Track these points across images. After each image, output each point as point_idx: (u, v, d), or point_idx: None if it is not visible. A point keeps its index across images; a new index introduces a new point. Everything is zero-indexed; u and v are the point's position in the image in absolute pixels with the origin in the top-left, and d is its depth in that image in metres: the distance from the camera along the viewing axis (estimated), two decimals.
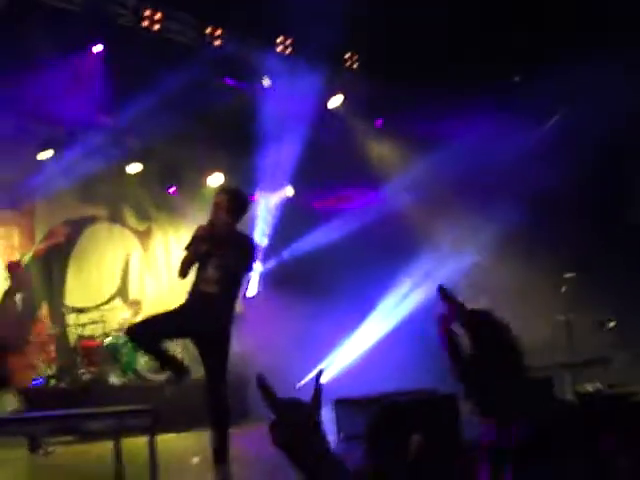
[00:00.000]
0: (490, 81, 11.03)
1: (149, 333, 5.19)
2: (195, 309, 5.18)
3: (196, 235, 5.43)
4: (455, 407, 6.49)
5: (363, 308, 12.32)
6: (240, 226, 5.61)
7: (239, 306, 8.34)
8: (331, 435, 7.39)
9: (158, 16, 10.19)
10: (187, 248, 5.43)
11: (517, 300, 10.60)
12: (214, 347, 5.16)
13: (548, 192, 11.10)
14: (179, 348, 10.12)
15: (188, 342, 8.54)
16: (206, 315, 5.10)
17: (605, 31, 9.98)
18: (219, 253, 5.26)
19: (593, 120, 10.33)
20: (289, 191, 13.76)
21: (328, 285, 11.28)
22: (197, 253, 5.30)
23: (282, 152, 13.04)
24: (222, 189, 5.55)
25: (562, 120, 12.12)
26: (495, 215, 11.13)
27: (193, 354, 8.90)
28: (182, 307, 5.30)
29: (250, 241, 5.64)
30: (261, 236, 13.49)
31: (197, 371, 5.88)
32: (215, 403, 5.04)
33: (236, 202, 5.53)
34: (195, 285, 5.32)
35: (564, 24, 10.15)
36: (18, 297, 8.97)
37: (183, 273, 5.37)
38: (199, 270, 5.32)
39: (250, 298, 11.17)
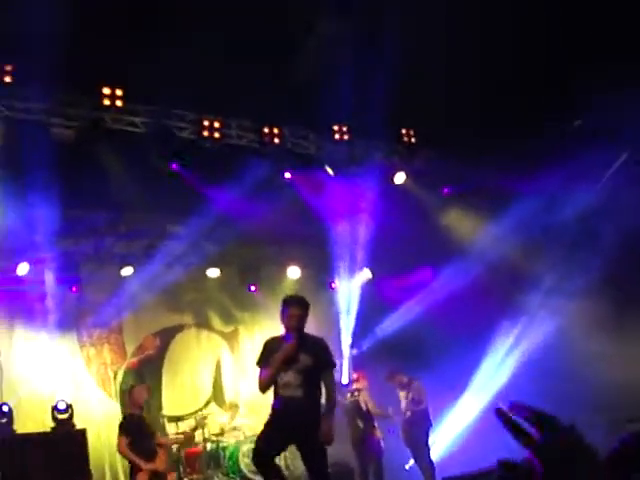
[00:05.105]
0: (552, 129, 10.93)
1: (264, 457, 5.28)
2: (287, 417, 5.21)
3: (269, 347, 5.54)
4: None
5: (460, 380, 11.99)
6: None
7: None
8: None
9: (217, 124, 10.61)
10: (260, 364, 5.52)
11: (616, 343, 10.18)
12: (313, 448, 5.17)
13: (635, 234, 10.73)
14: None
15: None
16: (299, 420, 5.14)
17: None
18: (298, 358, 5.33)
19: None
20: (367, 274, 13.73)
21: (423, 360, 11.07)
22: (277, 367, 5.34)
23: (355, 236, 13.10)
24: (296, 301, 5.65)
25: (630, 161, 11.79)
26: (585, 263, 10.82)
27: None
28: (275, 420, 5.33)
29: (322, 340, 5.79)
30: (346, 322, 13.44)
31: None
32: None
33: (308, 310, 5.67)
34: (278, 392, 5.33)
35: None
36: None
37: (265, 389, 5.40)
38: (279, 376, 5.32)
39: (345, 385, 11.02)
